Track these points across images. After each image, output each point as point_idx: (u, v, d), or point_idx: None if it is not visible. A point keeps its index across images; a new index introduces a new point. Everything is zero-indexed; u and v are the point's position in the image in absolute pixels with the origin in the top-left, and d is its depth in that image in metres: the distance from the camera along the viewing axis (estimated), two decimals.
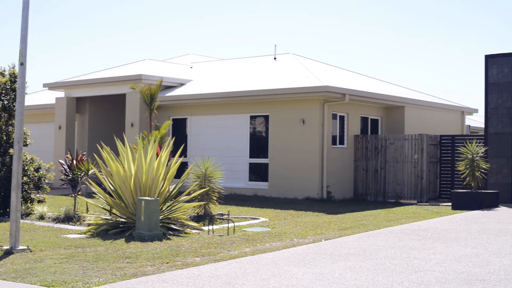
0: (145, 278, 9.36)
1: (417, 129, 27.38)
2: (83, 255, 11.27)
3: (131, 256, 11.17)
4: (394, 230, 15.00)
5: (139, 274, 9.64)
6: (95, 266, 10.22)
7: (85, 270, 9.91)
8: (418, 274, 9.70)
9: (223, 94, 25.87)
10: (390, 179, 24.72)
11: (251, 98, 25.25)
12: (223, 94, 25.85)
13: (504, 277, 9.49)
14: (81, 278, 9.33)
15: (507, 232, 14.53)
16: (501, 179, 22.67)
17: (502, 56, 23.12)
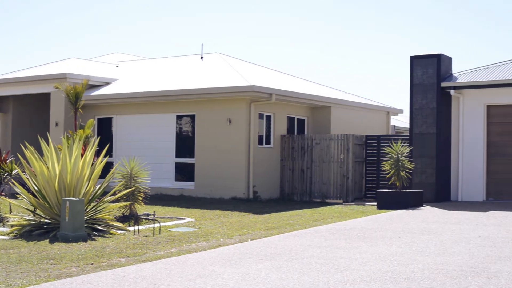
0: (70, 280, 9.14)
1: (343, 129, 27.64)
2: (6, 256, 10.95)
3: (55, 257, 10.91)
4: (320, 230, 15.05)
5: (63, 276, 9.42)
6: (18, 268, 9.94)
7: (8, 272, 9.63)
8: (343, 273, 9.72)
9: (149, 93, 25.61)
10: (316, 179, 24.88)
11: (177, 98, 25.07)
12: (149, 94, 25.59)
13: (428, 276, 9.59)
14: (4, 280, 9.06)
15: (431, 231, 14.75)
16: (425, 178, 23.04)
17: (426, 57, 23.51)
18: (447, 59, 23.87)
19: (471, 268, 10.21)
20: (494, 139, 23.39)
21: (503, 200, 22.99)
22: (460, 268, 10.16)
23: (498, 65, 24.43)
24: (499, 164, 23.31)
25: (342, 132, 26.99)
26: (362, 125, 29.58)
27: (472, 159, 23.40)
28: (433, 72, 23.26)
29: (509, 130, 23.17)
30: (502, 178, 23.25)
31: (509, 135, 23.17)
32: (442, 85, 23.17)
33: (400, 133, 35.74)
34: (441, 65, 23.28)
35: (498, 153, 23.32)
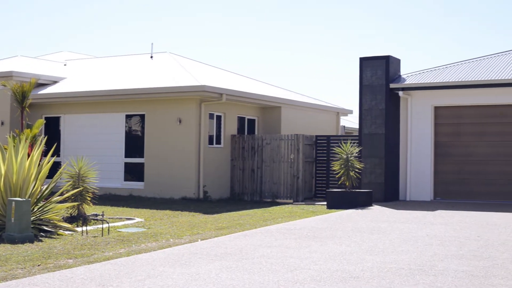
0: (15, 282, 8.99)
1: (293, 129, 27.76)
2: None
3: (0, 259, 10.72)
4: (271, 230, 15.08)
5: (8, 278, 9.25)
6: None
7: None
8: (293, 273, 9.75)
9: (97, 92, 25.35)
10: (267, 178, 24.93)
11: (126, 97, 24.88)
12: (98, 93, 25.33)
13: (377, 274, 9.68)
14: None
15: (380, 231, 14.89)
16: (374, 178, 23.26)
17: (376, 59, 23.74)
18: (395, 61, 24.14)
19: (419, 266, 10.34)
20: (442, 139, 23.72)
21: (450, 199, 23.34)
22: (408, 267, 10.28)
23: (446, 67, 24.79)
24: (446, 164, 23.65)
25: (292, 132, 27.10)
26: (312, 125, 29.74)
27: (420, 159, 23.71)
28: (382, 73, 23.50)
29: (456, 131, 23.54)
30: (449, 178, 23.59)
31: (456, 135, 23.54)
32: (391, 87, 23.43)
33: (350, 134, 36.02)
34: (390, 67, 23.54)
35: (445, 153, 23.67)
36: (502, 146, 22.96)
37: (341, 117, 33.42)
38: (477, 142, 23.30)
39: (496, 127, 23.07)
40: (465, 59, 25.58)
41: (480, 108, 23.30)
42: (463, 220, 16.98)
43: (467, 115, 23.49)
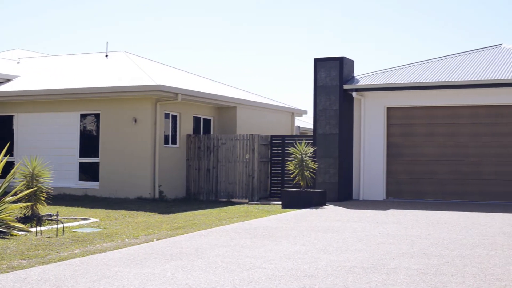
0: None
1: (249, 129, 27.88)
2: None
3: None
4: (226, 229, 15.17)
5: None
6: None
7: None
8: (249, 272, 9.85)
9: (52, 91, 25.15)
10: (222, 178, 25.01)
11: (81, 96, 24.73)
12: (52, 91, 25.13)
13: (331, 273, 9.83)
14: None
15: (334, 230, 15.07)
16: (328, 178, 23.51)
17: (330, 60, 23.98)
18: (349, 62, 24.42)
19: (371, 264, 10.52)
20: (394, 140, 24.07)
21: (402, 199, 23.70)
22: (361, 265, 10.45)
23: (398, 69, 25.15)
24: (398, 164, 24.00)
25: (248, 132, 27.24)
26: (268, 125, 29.90)
27: (373, 159, 24.02)
28: (336, 74, 23.75)
29: (408, 132, 23.90)
30: (401, 177, 23.95)
31: (408, 136, 23.90)
32: (344, 87, 23.70)
33: (305, 134, 36.25)
34: (344, 68, 23.81)
35: (397, 154, 24.02)
36: (451, 147, 23.38)
37: (296, 118, 33.64)
38: (427, 143, 23.69)
39: (445, 128, 23.49)
40: (418, 61, 25.98)
41: (430, 109, 23.69)
42: (414, 219, 17.27)
43: (418, 116, 23.87)
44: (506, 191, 22.55)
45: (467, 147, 23.15)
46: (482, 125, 23.00)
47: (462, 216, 18.01)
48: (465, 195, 23.06)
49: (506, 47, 26.30)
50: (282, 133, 30.00)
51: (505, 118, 22.72)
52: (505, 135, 22.68)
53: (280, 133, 29.58)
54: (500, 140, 22.75)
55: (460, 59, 25.37)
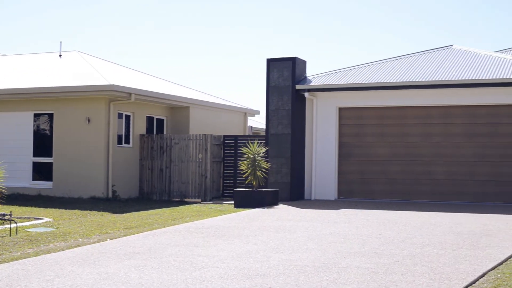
0: None
1: (202, 129, 27.93)
2: None
3: None
4: (179, 229, 15.21)
5: None
6: None
7: None
8: (201, 271, 9.93)
9: (4, 90, 24.87)
10: (175, 178, 25.03)
11: (34, 96, 24.52)
12: (5, 91, 24.86)
13: (283, 272, 9.95)
14: None
15: (285, 229, 15.20)
16: (280, 178, 23.67)
17: (283, 60, 24.15)
18: (302, 62, 24.61)
19: (323, 263, 10.66)
20: (346, 140, 24.33)
21: (354, 198, 23.96)
22: (312, 264, 10.59)
23: (350, 69, 25.42)
24: (350, 164, 24.27)
25: (201, 132, 27.28)
26: (221, 125, 29.97)
27: (325, 159, 24.24)
28: (289, 74, 23.93)
29: (360, 132, 24.18)
30: (353, 177, 24.22)
31: (359, 136, 24.18)
32: (297, 88, 23.88)
33: (257, 134, 36.37)
34: (296, 68, 23.99)
35: (349, 154, 24.28)
36: (403, 147, 23.72)
37: (248, 118, 33.75)
38: (379, 143, 23.99)
39: (397, 128, 23.81)
40: (370, 62, 26.27)
41: (382, 110, 23.99)
42: (365, 219, 17.48)
43: (369, 116, 24.15)
44: (456, 191, 22.95)
45: (418, 147, 23.51)
46: (433, 125, 23.37)
47: (413, 216, 18.26)
48: (416, 195, 23.41)
49: (457, 48, 26.75)
50: (235, 133, 30.10)
51: (456, 119, 23.12)
52: (456, 135, 23.07)
53: (233, 133, 29.67)
54: (451, 140, 23.15)
55: (412, 60, 25.74)
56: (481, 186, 22.70)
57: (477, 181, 22.78)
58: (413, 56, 26.25)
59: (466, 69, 23.32)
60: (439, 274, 9.93)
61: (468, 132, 22.96)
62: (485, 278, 9.82)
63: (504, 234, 14.40)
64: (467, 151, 22.95)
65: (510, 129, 22.48)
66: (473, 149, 22.88)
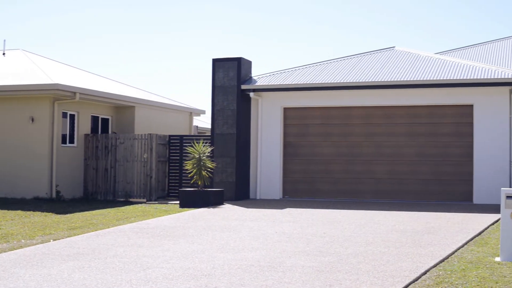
0: None
1: (147, 129, 27.79)
2: None
3: None
4: (124, 229, 15.13)
5: None
6: None
7: None
8: (146, 272, 9.91)
9: None
10: (120, 178, 24.86)
11: None
12: None
13: (228, 272, 9.98)
14: None
15: (231, 229, 15.24)
16: (226, 177, 23.70)
17: (228, 60, 24.18)
18: (247, 62, 24.67)
19: (268, 263, 10.72)
20: (291, 139, 24.47)
21: (299, 198, 24.11)
22: (258, 264, 10.64)
23: (295, 70, 25.56)
24: (295, 163, 24.41)
25: (146, 131, 27.15)
26: (166, 125, 29.86)
27: (270, 159, 24.35)
28: (234, 75, 23.97)
29: (304, 132, 24.34)
30: (298, 177, 24.37)
31: (304, 136, 24.34)
32: (242, 88, 23.93)
33: (203, 134, 36.30)
34: (241, 68, 24.04)
35: (294, 153, 24.43)
36: (345, 146, 23.95)
37: (194, 117, 33.68)
38: (323, 142, 24.18)
39: (340, 128, 24.04)
40: (315, 62, 26.47)
41: (326, 110, 24.20)
42: (310, 218, 17.60)
43: (313, 116, 24.33)
44: (398, 189, 23.28)
45: (362, 147, 23.77)
46: (376, 125, 23.66)
47: (356, 214, 18.46)
48: (360, 194, 23.66)
49: (399, 50, 27.12)
50: (181, 133, 30.02)
51: (398, 119, 23.45)
52: (398, 135, 23.40)
53: (178, 133, 29.59)
54: (393, 140, 23.46)
55: (355, 61, 26.00)
56: (423, 184, 23.07)
57: (419, 180, 23.14)
58: (356, 57, 26.53)
59: (408, 70, 23.67)
60: (382, 272, 10.07)
61: (410, 132, 23.30)
62: (427, 275, 9.99)
63: (446, 232, 14.66)
64: (409, 150, 23.30)
65: (450, 129, 22.89)
66: (415, 149, 23.23)
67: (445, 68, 23.45)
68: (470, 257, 11.51)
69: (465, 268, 10.43)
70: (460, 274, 9.93)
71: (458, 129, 22.83)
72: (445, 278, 9.67)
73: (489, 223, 16.30)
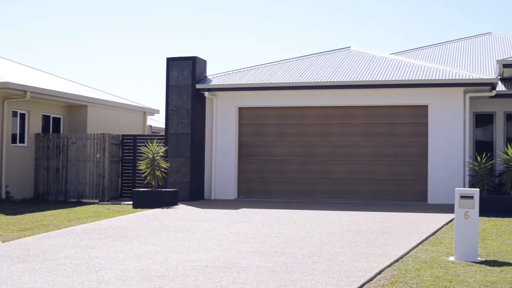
0: None
1: (100, 128, 27.46)
2: None
3: None
4: (76, 230, 14.90)
5: None
6: None
7: None
8: (99, 273, 9.74)
9: None
10: (72, 178, 24.50)
11: None
12: None
13: (182, 273, 9.86)
14: None
15: (185, 229, 15.11)
16: (180, 177, 23.51)
17: (183, 59, 23.99)
18: (202, 62, 24.51)
19: (222, 263, 10.63)
20: (246, 139, 24.38)
21: (254, 198, 24.04)
22: (212, 264, 10.54)
23: (251, 69, 25.49)
24: (250, 163, 24.33)
25: (99, 131, 26.82)
26: (120, 124, 29.55)
27: (225, 158, 24.24)
28: (189, 74, 23.79)
29: (259, 131, 24.27)
30: (253, 177, 24.29)
31: (259, 136, 24.27)
32: (197, 87, 23.77)
33: (157, 133, 36.09)
34: (196, 68, 23.87)
35: (249, 153, 24.34)
36: (301, 146, 23.95)
37: (148, 117, 33.43)
38: (278, 142, 24.14)
39: (296, 128, 24.03)
40: (271, 62, 26.43)
41: (281, 110, 24.17)
42: (265, 218, 17.55)
43: (268, 116, 24.28)
44: (354, 189, 23.33)
45: (318, 147, 23.78)
46: (332, 125, 23.69)
47: (311, 215, 18.46)
48: (315, 194, 23.67)
49: (354, 50, 27.23)
50: (134, 133, 29.75)
51: (354, 119, 23.51)
52: (354, 135, 23.46)
53: (132, 133, 29.31)
54: (348, 140, 23.52)
55: (311, 60, 26.02)
56: (379, 184, 23.16)
57: (375, 180, 23.23)
58: (312, 57, 26.55)
59: (364, 70, 23.75)
60: (337, 272, 10.05)
61: (366, 132, 23.38)
62: (382, 275, 9.99)
63: (400, 232, 14.71)
64: (365, 150, 23.37)
65: (406, 129, 23.03)
66: (371, 149, 23.32)
67: (400, 68, 23.59)
68: (425, 256, 11.56)
69: (419, 267, 10.45)
70: (414, 274, 9.94)
71: (413, 130, 22.98)
72: (400, 278, 9.67)
73: (443, 223, 16.41)
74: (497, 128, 25.00)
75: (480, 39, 33.61)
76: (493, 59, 28.45)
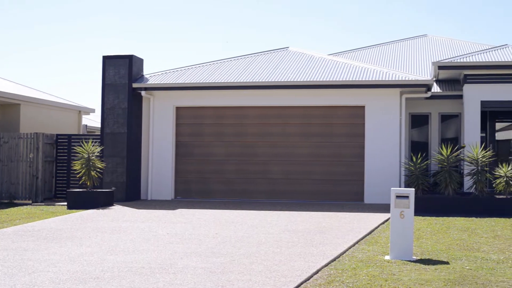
0: None
1: (34, 127, 26.95)
2: None
3: None
4: (7, 232, 14.56)
5: None
6: None
7: None
8: (31, 276, 9.51)
9: None
10: (4, 179, 23.96)
11: None
12: None
13: (117, 274, 9.70)
14: None
15: (121, 230, 14.91)
16: (116, 178, 23.21)
17: (119, 57, 23.70)
18: (139, 60, 24.26)
19: (159, 265, 10.51)
20: (183, 139, 24.22)
21: (191, 198, 23.89)
22: (149, 265, 10.41)
23: (188, 68, 25.34)
24: (187, 163, 24.17)
25: (33, 130, 26.32)
26: (54, 123, 29.06)
27: (161, 158, 24.03)
28: (125, 72, 23.51)
29: (197, 131, 24.14)
30: (191, 177, 24.14)
31: (196, 136, 24.13)
32: (133, 86, 23.50)
33: (92, 133, 35.60)
34: (133, 66, 23.61)
35: (187, 153, 24.19)
36: (239, 146, 23.90)
37: (83, 116, 32.96)
38: (216, 142, 24.05)
39: (234, 127, 23.97)
40: (208, 61, 26.33)
41: (219, 109, 24.07)
42: (203, 218, 17.46)
43: (207, 116, 24.17)
44: (293, 190, 23.38)
45: (256, 147, 23.75)
46: (270, 125, 23.70)
47: (249, 215, 18.43)
48: (253, 194, 23.65)
49: (293, 50, 27.31)
50: (69, 132, 29.29)
51: (292, 119, 23.55)
52: (292, 135, 23.51)
53: (67, 132, 28.86)
54: (287, 140, 23.55)
55: (249, 60, 26.00)
56: (317, 185, 23.26)
57: (313, 180, 23.32)
58: (250, 57, 26.54)
59: (302, 71, 23.83)
60: (275, 272, 10.03)
61: (304, 132, 23.45)
62: (319, 274, 10.01)
63: (337, 231, 14.78)
64: (303, 151, 23.44)
65: (344, 129, 23.18)
66: (309, 149, 23.40)
67: (338, 69, 23.75)
68: (361, 256, 11.63)
69: (355, 266, 10.51)
70: (351, 273, 9.98)
71: (351, 130, 23.15)
72: (337, 277, 9.71)
73: (379, 222, 16.56)
74: (432, 128, 25.40)
75: (416, 41, 34.15)
76: (429, 61, 28.91)
